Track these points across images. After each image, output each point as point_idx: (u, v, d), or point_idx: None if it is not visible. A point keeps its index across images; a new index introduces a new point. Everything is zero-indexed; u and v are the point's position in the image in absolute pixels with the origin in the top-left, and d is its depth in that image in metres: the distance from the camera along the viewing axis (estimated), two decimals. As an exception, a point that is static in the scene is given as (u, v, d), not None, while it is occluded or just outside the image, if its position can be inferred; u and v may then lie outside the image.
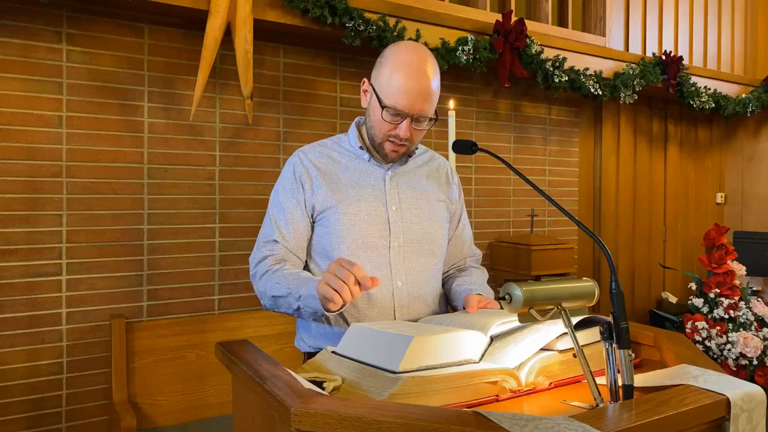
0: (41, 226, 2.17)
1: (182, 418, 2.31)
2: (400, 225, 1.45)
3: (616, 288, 0.98)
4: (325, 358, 1.17)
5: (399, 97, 1.35)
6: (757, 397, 0.96)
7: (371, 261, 1.41)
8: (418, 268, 1.46)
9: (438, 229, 1.52)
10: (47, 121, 2.17)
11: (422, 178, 1.54)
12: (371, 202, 1.44)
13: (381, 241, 1.43)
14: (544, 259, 2.99)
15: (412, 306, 1.44)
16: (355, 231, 1.41)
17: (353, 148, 1.50)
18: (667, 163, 4.12)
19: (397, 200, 1.47)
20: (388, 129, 1.39)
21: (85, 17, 2.23)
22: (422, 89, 1.36)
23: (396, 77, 1.36)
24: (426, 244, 1.48)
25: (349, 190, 1.44)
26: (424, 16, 2.76)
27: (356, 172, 1.47)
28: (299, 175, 1.45)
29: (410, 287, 1.44)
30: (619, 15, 3.76)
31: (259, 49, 2.52)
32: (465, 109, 3.19)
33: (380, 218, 1.44)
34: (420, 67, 1.36)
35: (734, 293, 3.07)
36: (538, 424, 0.78)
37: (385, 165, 1.49)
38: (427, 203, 1.51)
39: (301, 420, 0.77)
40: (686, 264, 4.15)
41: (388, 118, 1.38)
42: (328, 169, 1.47)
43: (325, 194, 1.43)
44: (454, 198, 1.61)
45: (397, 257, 1.43)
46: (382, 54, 1.43)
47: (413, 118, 1.38)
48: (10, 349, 2.12)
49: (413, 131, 1.40)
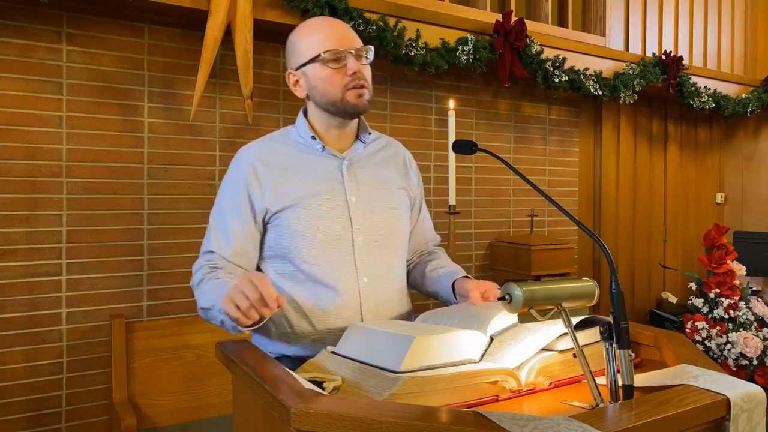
0: (41, 226, 2.17)
1: (182, 418, 2.31)
2: (362, 218, 1.38)
3: (616, 288, 0.98)
4: (325, 358, 1.17)
5: (327, 41, 1.32)
6: (757, 397, 0.96)
7: (335, 258, 1.35)
8: (383, 262, 1.41)
9: (400, 220, 1.46)
10: (47, 121, 2.17)
11: (380, 166, 1.47)
12: (330, 195, 1.36)
13: (343, 237, 1.36)
14: (544, 259, 2.99)
15: (379, 301, 1.39)
16: (315, 228, 1.33)
17: (304, 138, 1.41)
18: (667, 163, 4.12)
19: (357, 191, 1.39)
20: (341, 78, 1.33)
21: (85, 17, 2.22)
22: (339, 24, 1.37)
23: (313, 35, 1.34)
24: (389, 237, 1.42)
25: (305, 185, 1.36)
26: (424, 16, 2.76)
27: (310, 165, 1.38)
28: (245, 176, 1.36)
29: (376, 282, 1.39)
30: (619, 15, 3.76)
31: (259, 49, 2.51)
32: (465, 109, 3.19)
33: (341, 212, 1.36)
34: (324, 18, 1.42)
35: (734, 293, 3.07)
36: (538, 424, 0.78)
37: (341, 154, 1.41)
38: (389, 193, 1.45)
39: (301, 420, 0.77)
40: (686, 264, 4.15)
41: (333, 65, 1.32)
42: (279, 165, 1.37)
43: (278, 193, 1.35)
44: (414, 184, 1.55)
45: (361, 252, 1.37)
46: (288, 43, 1.41)
47: (354, 55, 1.33)
48: (10, 349, 2.11)
49: (362, 67, 1.35)
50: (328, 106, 1.37)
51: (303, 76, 1.37)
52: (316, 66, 1.33)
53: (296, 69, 1.38)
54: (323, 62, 1.32)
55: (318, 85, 1.35)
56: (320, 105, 1.38)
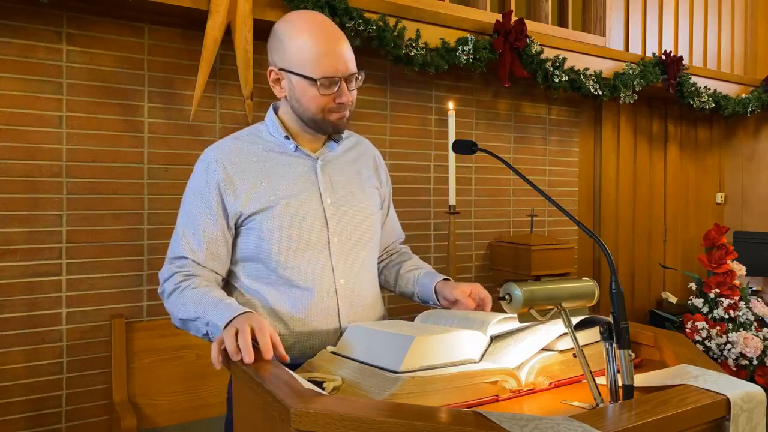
0: (41, 226, 2.17)
1: (182, 418, 2.31)
2: (336, 219, 1.35)
3: (616, 288, 0.98)
4: (325, 358, 1.17)
5: (327, 65, 1.24)
6: (757, 397, 0.96)
7: (311, 260, 1.32)
8: (359, 263, 1.39)
9: (373, 219, 1.44)
10: (47, 121, 2.17)
11: (352, 165, 1.44)
12: (304, 196, 1.32)
13: (319, 238, 1.32)
14: (544, 259, 2.99)
15: (356, 303, 1.37)
16: (290, 230, 1.29)
17: (275, 138, 1.36)
18: (667, 163, 4.12)
19: (332, 192, 1.36)
20: (327, 102, 1.27)
21: (85, 17, 2.23)
22: (342, 47, 1.28)
23: (312, 46, 1.25)
24: (364, 237, 1.40)
25: (279, 187, 1.31)
26: (424, 16, 2.76)
27: (283, 166, 1.33)
28: (215, 179, 1.30)
29: (353, 283, 1.36)
30: (619, 15, 3.76)
31: (259, 49, 2.51)
32: (465, 109, 3.19)
33: (316, 213, 1.33)
34: (325, 26, 1.28)
35: (734, 293, 3.07)
36: (538, 424, 0.78)
37: (314, 154, 1.37)
38: (361, 192, 1.42)
39: (301, 420, 0.77)
40: (686, 264, 4.15)
41: (324, 91, 1.25)
42: (250, 166, 1.31)
43: (251, 196, 1.29)
44: (383, 182, 1.53)
45: (337, 253, 1.34)
46: (274, 36, 1.31)
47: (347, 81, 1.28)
48: (10, 349, 2.12)
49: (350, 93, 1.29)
50: (307, 121, 1.32)
51: (287, 80, 1.30)
52: (306, 83, 1.26)
53: (281, 69, 1.30)
54: (318, 82, 1.25)
55: (302, 100, 1.29)
56: (297, 114, 1.33)
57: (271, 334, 1.07)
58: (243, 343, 1.04)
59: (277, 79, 1.32)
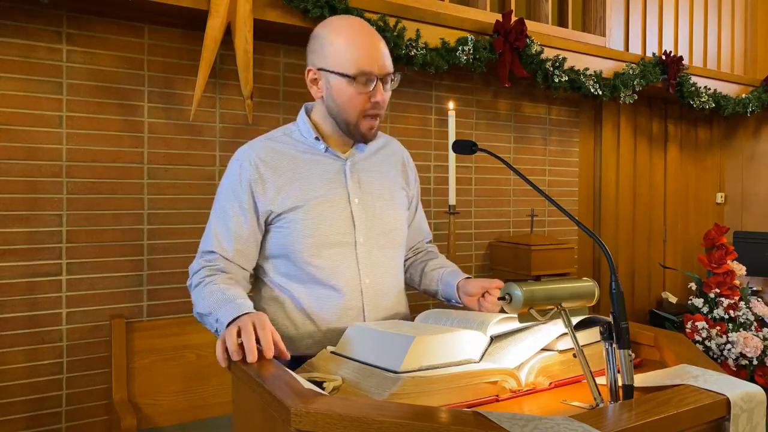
0: (41, 226, 2.17)
1: (182, 418, 2.31)
2: (363, 219, 1.39)
3: (616, 288, 0.98)
4: (325, 358, 1.17)
5: (364, 62, 1.28)
6: (757, 397, 0.96)
7: (337, 259, 1.35)
8: (384, 263, 1.42)
9: (400, 219, 1.47)
10: (47, 121, 2.17)
11: (381, 165, 1.48)
12: (333, 197, 1.36)
13: (346, 238, 1.36)
14: (544, 259, 2.99)
15: (381, 302, 1.40)
16: (319, 230, 1.34)
17: (306, 139, 1.40)
18: (667, 163, 4.12)
19: (359, 193, 1.40)
20: (362, 103, 1.30)
21: (85, 17, 2.22)
22: (380, 46, 1.32)
23: (350, 45, 1.29)
24: (390, 237, 1.43)
25: (308, 187, 1.35)
26: (424, 16, 2.76)
27: (313, 166, 1.37)
28: (248, 177, 1.34)
29: (378, 283, 1.40)
30: (619, 15, 3.76)
31: (259, 49, 2.52)
32: (465, 109, 3.19)
33: (344, 214, 1.37)
34: (363, 27, 1.33)
35: (734, 293, 3.07)
36: (538, 424, 0.78)
37: (343, 155, 1.41)
38: (389, 193, 1.46)
39: (301, 420, 0.77)
40: (686, 264, 4.15)
41: (361, 89, 1.29)
42: (281, 166, 1.36)
43: (282, 195, 1.34)
44: (412, 182, 1.56)
45: (363, 253, 1.38)
46: (314, 38, 1.35)
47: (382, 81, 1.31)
48: (10, 349, 2.11)
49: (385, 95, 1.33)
50: (339, 122, 1.36)
51: (324, 81, 1.33)
52: (344, 81, 1.30)
53: (319, 69, 1.34)
54: (355, 80, 1.29)
55: (338, 100, 1.32)
56: (332, 115, 1.36)
57: (272, 332, 1.08)
58: (246, 342, 1.05)
59: (315, 79, 1.36)
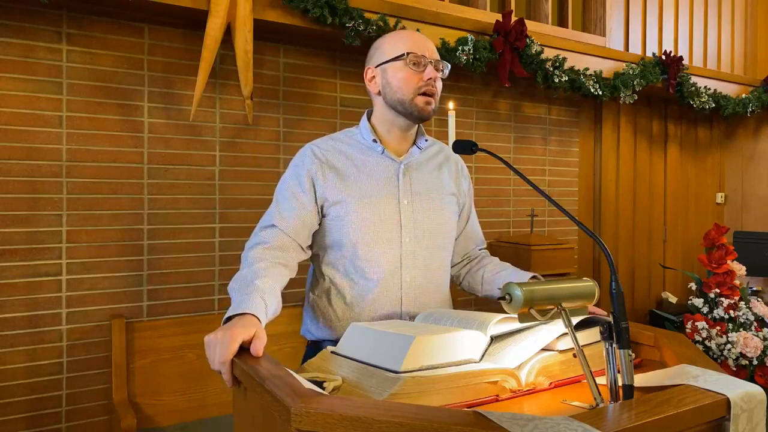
0: (41, 226, 2.17)
1: (182, 418, 2.31)
2: (411, 220, 1.47)
3: (616, 288, 0.98)
4: (325, 358, 1.17)
5: (414, 45, 1.43)
6: (757, 397, 0.96)
7: (382, 255, 1.43)
8: (428, 263, 1.49)
9: (447, 223, 1.54)
10: (47, 121, 2.17)
11: (434, 171, 1.55)
12: (384, 196, 1.45)
13: (392, 236, 1.44)
14: (544, 259, 2.99)
15: (418, 299, 1.47)
16: (366, 225, 1.42)
17: (366, 140, 1.50)
18: (667, 163, 4.12)
19: (410, 194, 1.48)
20: (416, 80, 1.42)
21: (85, 17, 2.23)
22: (426, 38, 1.49)
23: (400, 37, 1.47)
24: (436, 239, 1.50)
25: (362, 184, 1.45)
26: (424, 16, 2.76)
27: (369, 166, 1.47)
28: (309, 168, 1.45)
29: (418, 280, 1.47)
30: (619, 15, 3.76)
31: (259, 49, 2.52)
32: (465, 109, 3.18)
33: (392, 213, 1.45)
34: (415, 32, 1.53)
35: (734, 293, 3.07)
36: (538, 424, 0.78)
37: (398, 158, 1.50)
38: (439, 197, 1.53)
39: (301, 420, 0.77)
40: (686, 264, 4.15)
41: (412, 66, 1.41)
42: (340, 163, 1.46)
43: (336, 188, 1.43)
44: (464, 190, 1.63)
45: (407, 252, 1.46)
46: (373, 47, 1.51)
47: (433, 65, 1.43)
48: (10, 349, 2.12)
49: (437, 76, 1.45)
50: (396, 105, 1.45)
51: (381, 73, 1.46)
52: (397, 64, 1.43)
53: (376, 66, 1.47)
54: (405, 62, 1.42)
55: (393, 82, 1.44)
56: (389, 103, 1.46)
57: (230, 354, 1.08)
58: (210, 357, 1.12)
59: (372, 77, 1.49)
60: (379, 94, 1.48)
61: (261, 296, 1.22)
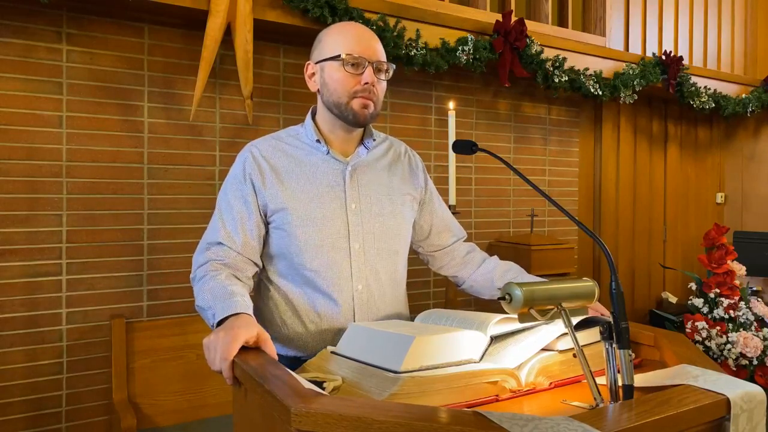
0: (41, 226, 2.17)
1: (182, 418, 2.31)
2: (359, 225, 1.38)
3: (616, 288, 0.98)
4: (325, 358, 1.17)
5: (353, 45, 1.33)
6: (757, 397, 0.96)
7: (331, 264, 1.35)
8: (380, 270, 1.41)
9: (401, 227, 1.45)
10: (47, 121, 2.17)
11: (384, 171, 1.46)
12: (328, 201, 1.36)
13: (340, 243, 1.36)
14: (544, 259, 2.99)
15: (373, 309, 1.40)
16: (310, 233, 1.34)
17: (310, 140, 1.41)
18: (667, 163, 4.12)
19: (357, 198, 1.39)
20: (353, 84, 1.32)
21: (85, 17, 2.22)
22: (370, 35, 1.38)
23: (340, 34, 1.36)
24: (388, 244, 1.42)
25: (306, 188, 1.36)
26: (424, 16, 2.76)
27: (313, 168, 1.38)
28: (249, 173, 1.36)
29: (371, 290, 1.39)
30: (619, 15, 3.76)
31: (259, 49, 2.51)
32: (465, 109, 3.18)
33: (338, 218, 1.36)
34: (355, 23, 1.43)
35: (734, 293, 3.07)
36: (538, 424, 0.78)
37: (345, 159, 1.40)
38: (389, 200, 1.43)
39: (301, 420, 0.77)
40: (686, 264, 4.15)
41: (349, 69, 1.32)
42: (281, 165, 1.37)
43: (279, 194, 1.35)
44: (421, 186, 1.53)
45: (357, 260, 1.37)
46: (316, 40, 1.42)
47: (374, 67, 1.34)
48: (9, 349, 2.11)
49: (377, 81, 1.35)
50: (332, 107, 1.36)
51: (320, 71, 1.37)
52: (334, 64, 1.33)
53: (316, 62, 1.39)
54: (342, 63, 1.32)
55: (329, 84, 1.35)
56: (326, 103, 1.38)
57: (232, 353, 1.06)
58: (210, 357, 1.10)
59: (312, 73, 1.40)
60: (318, 92, 1.39)
61: (242, 299, 1.20)
